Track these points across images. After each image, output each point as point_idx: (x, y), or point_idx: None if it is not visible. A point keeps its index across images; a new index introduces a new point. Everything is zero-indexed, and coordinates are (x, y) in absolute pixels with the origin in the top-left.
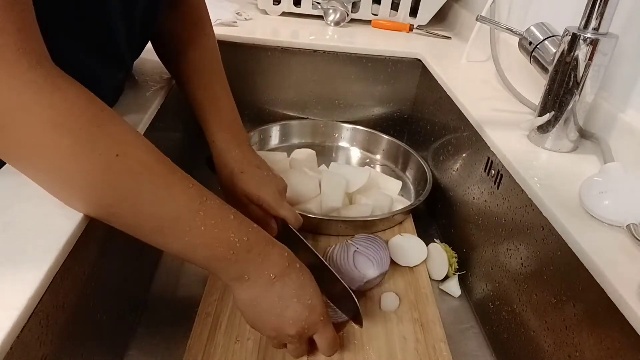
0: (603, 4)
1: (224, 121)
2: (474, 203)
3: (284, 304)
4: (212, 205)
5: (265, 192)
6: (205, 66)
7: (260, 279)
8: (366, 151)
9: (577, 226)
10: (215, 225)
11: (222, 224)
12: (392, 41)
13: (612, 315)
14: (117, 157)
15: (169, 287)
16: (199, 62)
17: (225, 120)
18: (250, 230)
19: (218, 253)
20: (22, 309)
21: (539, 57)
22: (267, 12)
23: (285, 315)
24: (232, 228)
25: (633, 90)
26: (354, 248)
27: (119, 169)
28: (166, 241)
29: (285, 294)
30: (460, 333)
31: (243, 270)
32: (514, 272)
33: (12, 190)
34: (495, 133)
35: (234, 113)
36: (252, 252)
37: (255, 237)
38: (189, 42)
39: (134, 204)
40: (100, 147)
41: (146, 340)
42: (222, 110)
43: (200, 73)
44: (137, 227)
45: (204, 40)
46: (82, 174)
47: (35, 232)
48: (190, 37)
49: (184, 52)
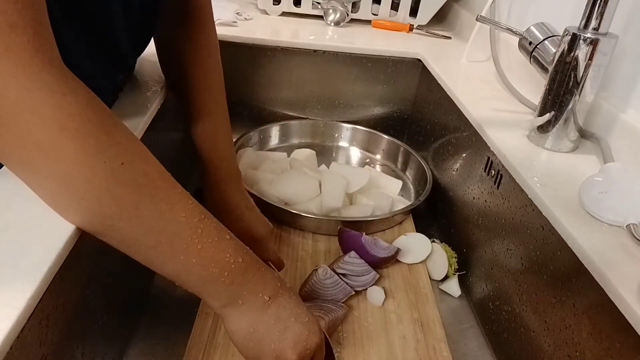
0: (603, 4)
1: (220, 155)
2: (474, 203)
3: (282, 326)
4: (210, 224)
5: (264, 231)
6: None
7: (256, 301)
8: (366, 151)
9: (577, 226)
10: (212, 245)
11: (218, 244)
12: (392, 41)
13: (612, 315)
14: (122, 165)
15: (169, 287)
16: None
17: (222, 154)
18: (245, 252)
19: (213, 274)
20: (22, 309)
21: (539, 57)
22: (267, 12)
23: (286, 337)
24: (229, 249)
25: (633, 90)
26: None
27: (123, 178)
28: (162, 260)
29: (282, 315)
30: (460, 333)
31: (237, 294)
32: (514, 272)
33: (12, 190)
34: (495, 133)
35: (231, 146)
36: (247, 274)
37: (250, 259)
38: (194, 64)
39: (134, 216)
40: (107, 154)
41: (146, 340)
42: (220, 141)
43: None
44: (134, 242)
45: (209, 63)
46: (85, 181)
47: (35, 232)
48: (196, 58)
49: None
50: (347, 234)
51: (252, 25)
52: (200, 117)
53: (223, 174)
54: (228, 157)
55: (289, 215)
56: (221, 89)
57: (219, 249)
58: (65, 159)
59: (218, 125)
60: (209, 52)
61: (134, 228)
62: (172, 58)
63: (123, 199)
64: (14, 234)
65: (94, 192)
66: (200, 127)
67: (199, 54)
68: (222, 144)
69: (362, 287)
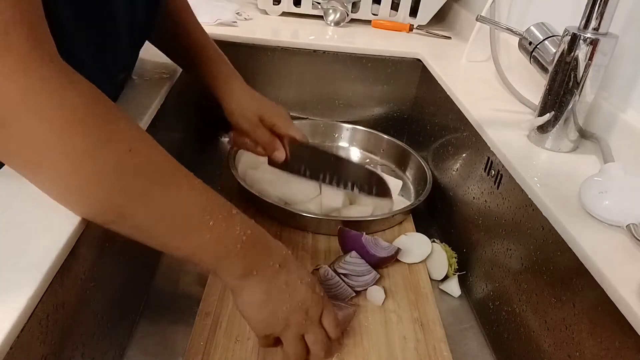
0: (603, 4)
1: (218, 60)
2: (474, 203)
3: (291, 289)
4: (217, 201)
5: (278, 116)
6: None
7: (268, 270)
8: (366, 151)
9: (577, 226)
10: (223, 220)
11: (228, 219)
12: (392, 41)
13: (612, 315)
14: (129, 152)
15: (169, 287)
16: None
17: (219, 59)
18: (252, 225)
19: (227, 248)
20: (22, 309)
21: (539, 57)
22: (267, 12)
23: (295, 298)
24: (237, 223)
25: (633, 90)
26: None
27: (131, 166)
28: (177, 242)
29: (290, 280)
30: (460, 333)
31: (251, 265)
32: (514, 272)
33: (12, 190)
34: (495, 133)
35: (220, 51)
36: (257, 245)
37: (257, 231)
38: (182, 26)
39: (146, 203)
40: (114, 144)
41: (146, 340)
42: (209, 48)
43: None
44: (148, 228)
45: (192, 20)
46: (93, 173)
47: (35, 232)
48: (180, 21)
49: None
50: (348, 233)
51: (252, 25)
52: (202, 54)
53: (229, 73)
54: (230, 67)
55: (289, 215)
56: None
57: (229, 224)
58: (73, 152)
59: (217, 54)
60: (187, 12)
61: (146, 214)
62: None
63: (133, 186)
64: (14, 234)
65: (103, 183)
66: (204, 60)
67: (182, 18)
68: (223, 60)
69: (363, 288)
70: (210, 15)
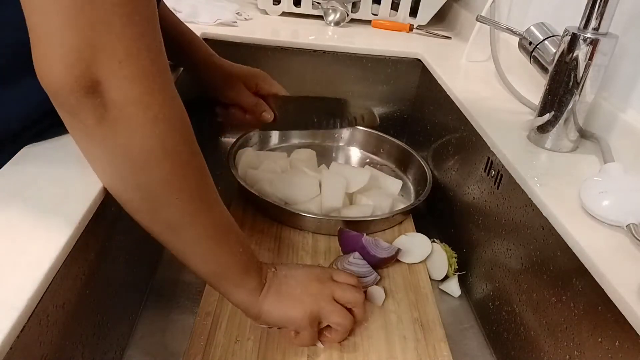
0: (603, 4)
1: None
2: (474, 203)
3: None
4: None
5: (259, 77)
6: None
7: (274, 278)
8: (366, 151)
9: (577, 226)
10: (239, 235)
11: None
12: (392, 41)
13: (612, 315)
14: (198, 185)
15: (168, 287)
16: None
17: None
18: (247, 239)
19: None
20: (22, 309)
21: (539, 57)
22: (267, 12)
23: (302, 279)
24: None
25: (633, 90)
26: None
27: (197, 195)
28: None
29: (288, 272)
30: (460, 333)
31: (260, 276)
32: (514, 272)
33: (12, 190)
34: (495, 133)
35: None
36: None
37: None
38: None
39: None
40: (191, 175)
41: (146, 340)
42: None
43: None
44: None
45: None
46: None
47: (35, 232)
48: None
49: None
50: (348, 234)
51: (252, 25)
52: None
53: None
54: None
55: (289, 215)
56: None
57: (245, 249)
58: (156, 177)
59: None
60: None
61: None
62: None
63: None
64: (14, 234)
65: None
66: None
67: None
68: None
69: (363, 289)
70: (210, 15)
